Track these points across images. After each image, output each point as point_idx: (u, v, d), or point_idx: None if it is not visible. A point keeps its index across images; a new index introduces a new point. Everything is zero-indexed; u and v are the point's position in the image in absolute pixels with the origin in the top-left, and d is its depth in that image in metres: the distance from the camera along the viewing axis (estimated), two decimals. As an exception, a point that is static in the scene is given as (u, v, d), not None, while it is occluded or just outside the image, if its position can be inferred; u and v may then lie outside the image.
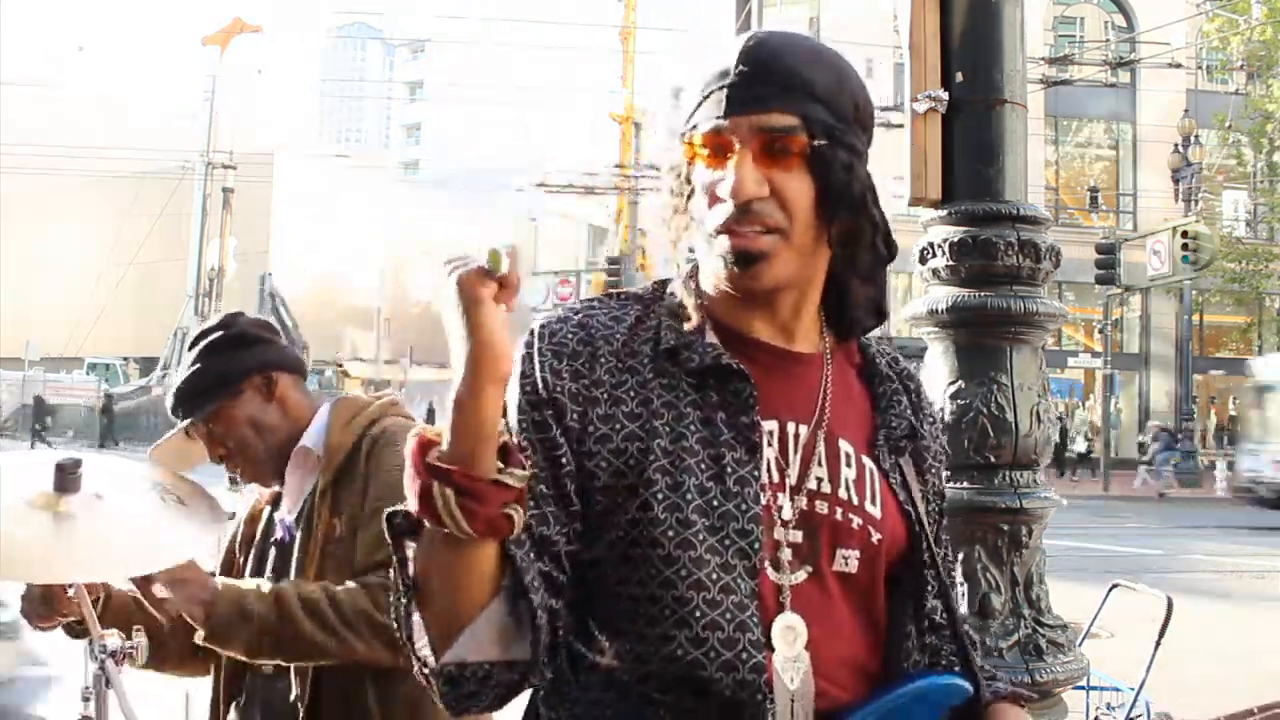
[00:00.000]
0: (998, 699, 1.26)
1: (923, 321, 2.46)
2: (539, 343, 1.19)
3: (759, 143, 1.16)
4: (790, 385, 1.22)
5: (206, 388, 2.04)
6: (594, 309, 1.23)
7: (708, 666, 1.10)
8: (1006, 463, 2.33)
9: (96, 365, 36.52)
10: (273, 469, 2.06)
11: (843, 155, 1.17)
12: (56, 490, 1.80)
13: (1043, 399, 2.39)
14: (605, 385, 1.17)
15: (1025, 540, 2.34)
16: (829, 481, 1.20)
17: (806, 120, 1.15)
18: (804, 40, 1.22)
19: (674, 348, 1.19)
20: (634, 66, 32.14)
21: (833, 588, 1.18)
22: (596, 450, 1.15)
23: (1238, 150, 27.79)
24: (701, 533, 1.12)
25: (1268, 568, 11.75)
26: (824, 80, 1.17)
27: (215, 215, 31.64)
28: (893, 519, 1.23)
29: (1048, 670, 2.27)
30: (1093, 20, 29.67)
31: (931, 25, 2.46)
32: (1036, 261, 2.36)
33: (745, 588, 1.12)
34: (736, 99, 1.16)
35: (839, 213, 1.18)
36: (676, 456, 1.14)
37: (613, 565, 1.14)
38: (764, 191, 1.15)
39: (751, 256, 1.16)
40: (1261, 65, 25.76)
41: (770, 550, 1.15)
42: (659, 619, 1.11)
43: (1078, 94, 25.38)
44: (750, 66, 1.17)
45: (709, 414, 1.17)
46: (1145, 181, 28.45)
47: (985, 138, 2.42)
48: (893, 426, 1.27)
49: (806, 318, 1.25)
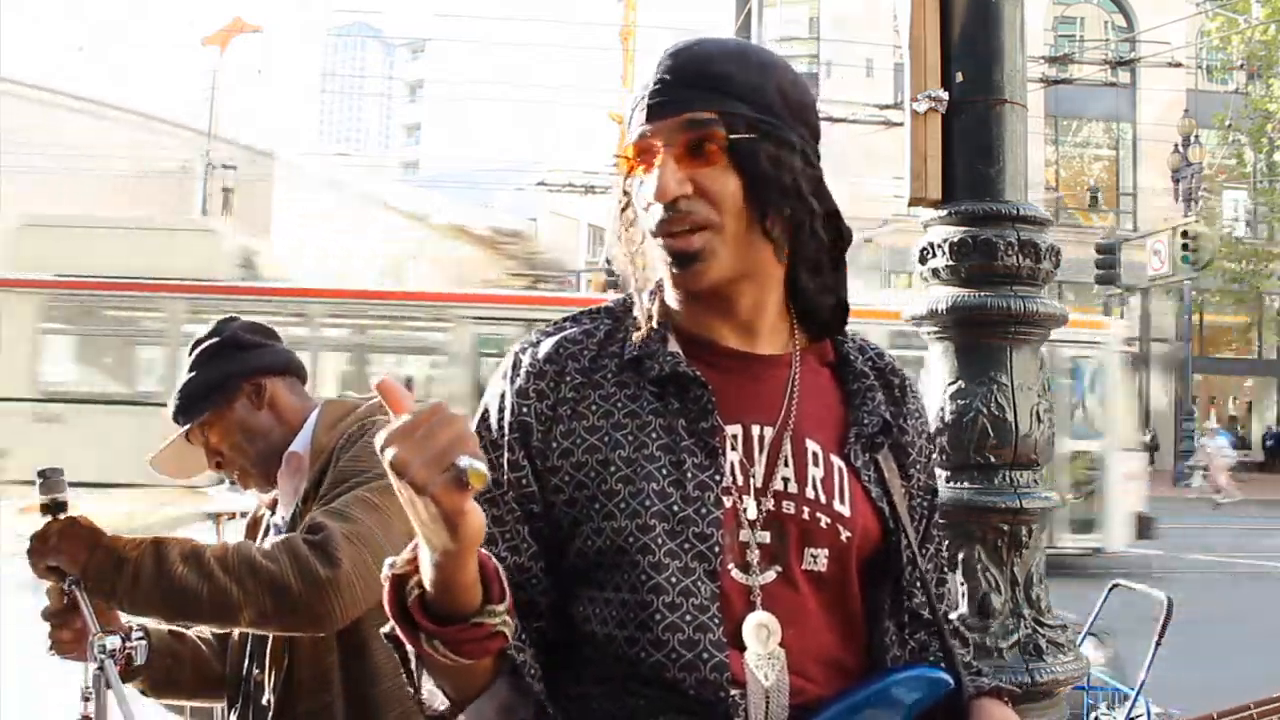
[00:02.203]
0: (981, 694, 1.27)
1: (923, 321, 2.46)
2: (510, 369, 1.24)
3: (680, 144, 1.18)
4: (755, 388, 1.24)
5: (199, 395, 2.05)
6: (566, 327, 1.27)
7: (670, 668, 1.13)
8: (1006, 463, 2.34)
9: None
10: (267, 474, 2.06)
11: (768, 147, 1.19)
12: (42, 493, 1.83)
13: (1043, 399, 2.39)
14: (569, 402, 1.21)
15: (1025, 540, 2.34)
16: (795, 482, 1.21)
17: (724, 115, 1.18)
18: (726, 42, 1.26)
19: (637, 357, 1.22)
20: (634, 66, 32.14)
21: (803, 586, 1.19)
22: (560, 465, 1.18)
23: (1238, 150, 27.78)
24: (660, 537, 1.14)
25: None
26: (743, 76, 1.20)
27: (215, 215, 31.64)
28: (864, 517, 1.23)
29: (1048, 670, 2.27)
30: (1093, 20, 29.67)
31: (931, 25, 2.46)
32: (1036, 261, 2.36)
33: (706, 590, 1.14)
34: (656, 106, 1.20)
35: (770, 203, 1.19)
36: (638, 464, 1.17)
37: (584, 574, 1.17)
38: (687, 189, 1.18)
39: (688, 257, 1.19)
40: (1261, 65, 25.75)
41: (737, 552, 1.17)
42: (625, 622, 1.15)
43: (1078, 94, 25.37)
44: (668, 74, 1.20)
45: (670, 421, 1.19)
46: (1145, 181, 28.45)
47: (985, 138, 2.42)
48: (864, 424, 1.27)
49: (769, 317, 1.26)
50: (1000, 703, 1.27)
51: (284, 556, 1.77)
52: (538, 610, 1.19)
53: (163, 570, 1.76)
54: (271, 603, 1.75)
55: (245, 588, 1.75)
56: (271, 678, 1.95)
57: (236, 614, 1.77)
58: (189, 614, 1.81)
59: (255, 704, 2.00)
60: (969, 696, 1.25)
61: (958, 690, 1.24)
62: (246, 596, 1.75)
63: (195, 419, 2.05)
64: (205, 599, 1.75)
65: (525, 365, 1.24)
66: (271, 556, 1.77)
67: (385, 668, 1.89)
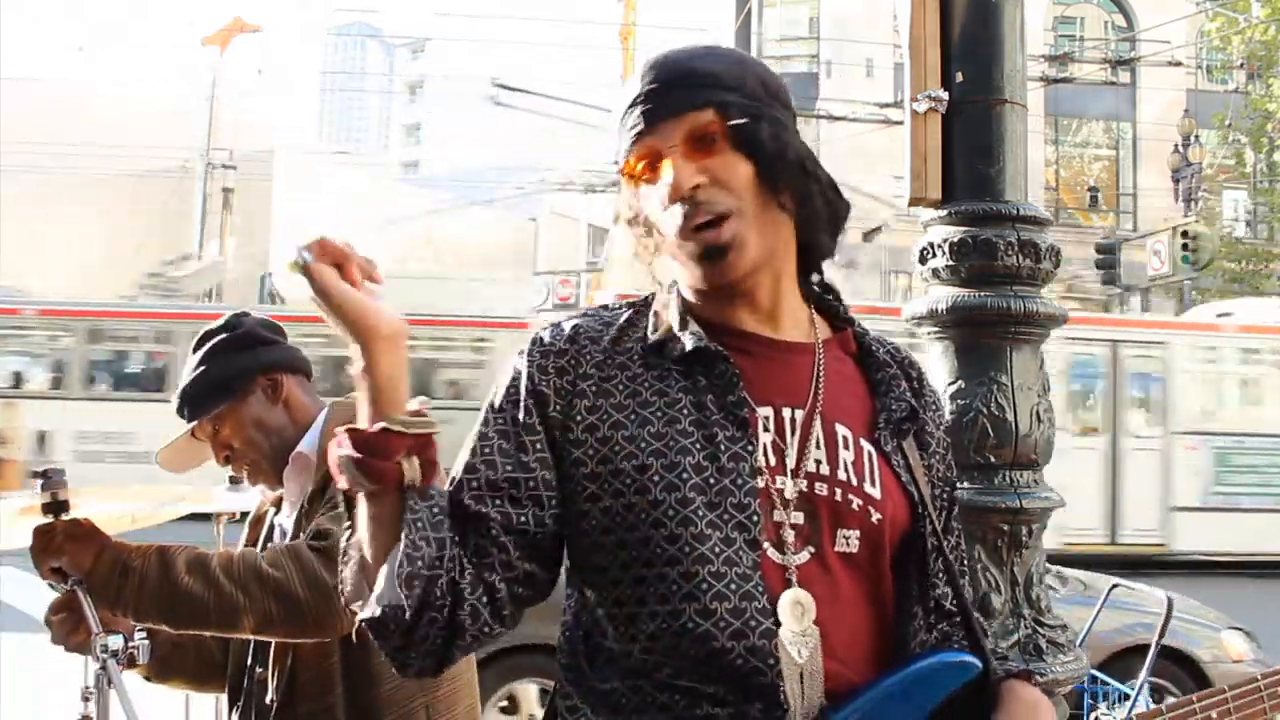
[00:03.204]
0: (1009, 676, 1.28)
1: (923, 321, 2.46)
2: (529, 347, 1.27)
3: (684, 141, 1.23)
4: (782, 371, 1.27)
5: (212, 389, 2.02)
6: (583, 316, 1.31)
7: (719, 637, 1.14)
8: (1006, 463, 2.34)
9: (96, 365, 36.51)
10: (278, 470, 2.05)
11: (765, 127, 1.24)
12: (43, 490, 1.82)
13: (1043, 399, 2.39)
14: (593, 379, 1.23)
15: (1025, 540, 2.34)
16: (827, 464, 1.23)
17: (720, 106, 1.23)
18: (698, 46, 1.32)
19: (660, 341, 1.25)
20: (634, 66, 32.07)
21: (836, 568, 1.21)
22: (584, 438, 1.21)
23: (1238, 150, 27.77)
24: (700, 509, 1.16)
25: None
26: (725, 71, 1.25)
27: (215, 215, 31.61)
28: (894, 500, 1.25)
29: (1048, 670, 2.27)
30: (1093, 20, 29.64)
31: (931, 25, 2.46)
32: (1036, 261, 2.37)
33: (748, 559, 1.16)
34: (652, 111, 1.24)
35: (782, 178, 1.24)
36: (670, 439, 1.19)
37: (615, 551, 1.18)
38: (703, 179, 1.21)
39: (719, 249, 1.22)
40: (1261, 65, 25.73)
41: (772, 532, 1.19)
42: (669, 596, 1.15)
43: (1078, 94, 25.37)
44: (656, 81, 1.25)
45: (699, 398, 1.22)
46: (1145, 181, 28.43)
47: (985, 138, 2.42)
48: (893, 409, 1.30)
49: (788, 303, 1.30)
50: (1029, 684, 1.28)
51: (290, 564, 1.77)
52: (488, 558, 1.19)
53: (168, 578, 1.75)
54: (278, 610, 1.76)
55: (251, 595, 1.75)
56: (275, 678, 1.95)
57: (242, 621, 1.78)
58: (194, 622, 1.81)
59: (258, 703, 1.99)
60: (998, 679, 1.26)
61: (985, 674, 1.25)
62: (252, 604, 1.75)
63: (208, 412, 2.03)
64: (211, 607, 1.76)
65: (546, 341, 1.27)
66: (278, 564, 1.77)
67: (386, 670, 1.89)
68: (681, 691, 1.15)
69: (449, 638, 1.16)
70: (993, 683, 1.26)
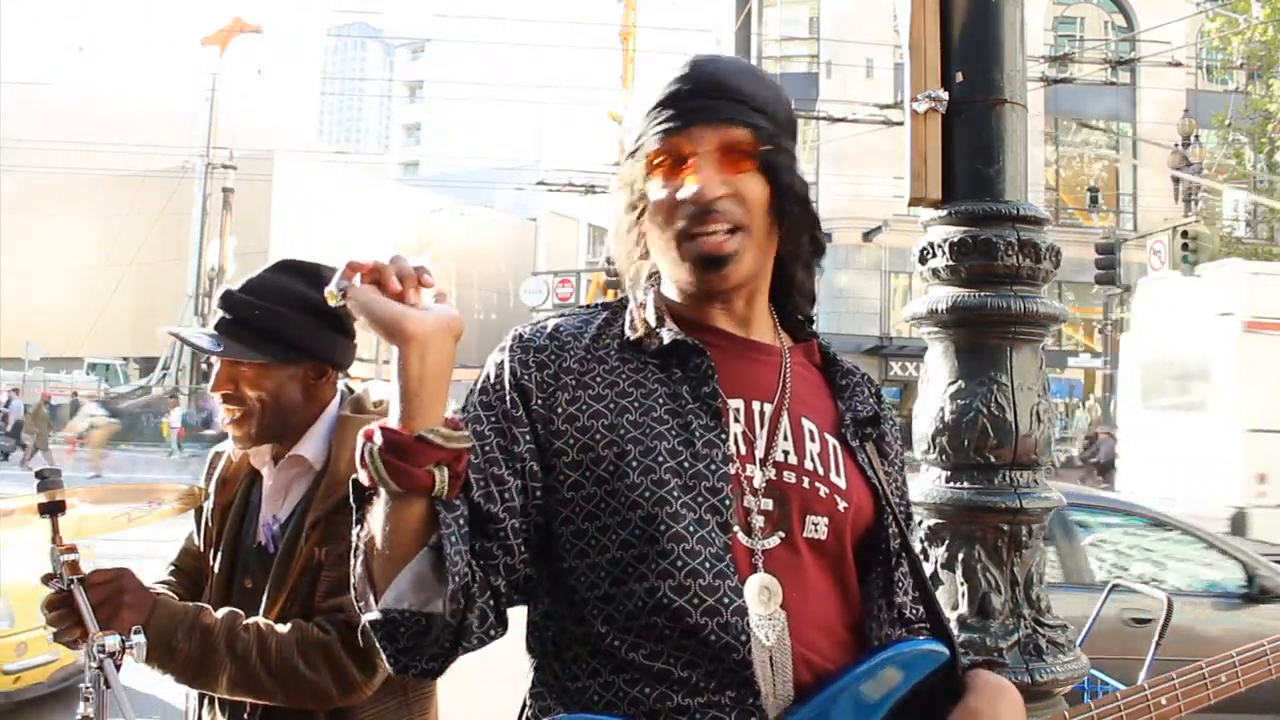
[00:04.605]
0: (975, 665, 1.32)
1: (923, 321, 2.46)
2: (511, 342, 1.32)
3: (717, 150, 1.28)
4: (752, 368, 1.33)
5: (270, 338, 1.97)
6: (562, 317, 1.37)
7: (693, 613, 1.18)
8: (1006, 463, 2.33)
9: (96, 365, 36.49)
10: (263, 439, 2.03)
11: (785, 159, 1.31)
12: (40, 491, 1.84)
13: (1043, 399, 2.39)
14: (573, 372, 1.28)
15: (1025, 540, 2.34)
16: (795, 454, 1.28)
17: (756, 129, 1.28)
18: (738, 61, 1.38)
19: (638, 337, 1.31)
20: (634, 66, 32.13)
21: (804, 553, 1.25)
22: (565, 429, 1.25)
23: (1238, 150, 27.77)
24: (675, 490, 1.21)
25: None
26: (762, 94, 1.31)
27: (215, 215, 31.60)
28: (858, 491, 1.31)
29: (1048, 670, 2.26)
30: (1093, 20, 29.66)
31: (931, 25, 2.46)
32: (1036, 261, 2.36)
33: (719, 541, 1.21)
34: (689, 112, 1.28)
35: (787, 210, 1.30)
36: (647, 426, 1.24)
37: (596, 537, 1.22)
38: (727, 191, 1.27)
39: (719, 259, 1.27)
40: (1261, 65, 25.73)
41: (742, 517, 1.24)
42: (645, 574, 1.19)
43: (1078, 94, 25.38)
44: (697, 84, 1.29)
45: (675, 389, 1.27)
46: (1145, 181, 28.44)
47: (985, 138, 2.42)
48: (857, 410, 1.37)
49: (759, 310, 1.37)
50: (994, 673, 1.32)
51: (325, 667, 1.84)
52: (494, 560, 1.21)
53: (207, 664, 1.84)
54: (310, 702, 1.87)
55: (287, 691, 1.85)
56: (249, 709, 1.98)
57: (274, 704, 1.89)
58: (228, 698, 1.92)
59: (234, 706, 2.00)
60: (964, 668, 1.30)
61: (953, 663, 1.28)
62: (287, 697, 1.86)
63: (249, 356, 1.96)
64: (247, 693, 1.87)
65: (526, 336, 1.32)
66: (314, 664, 1.84)
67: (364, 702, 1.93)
68: (654, 682, 1.17)
69: (455, 641, 1.18)
70: (960, 671, 1.29)
